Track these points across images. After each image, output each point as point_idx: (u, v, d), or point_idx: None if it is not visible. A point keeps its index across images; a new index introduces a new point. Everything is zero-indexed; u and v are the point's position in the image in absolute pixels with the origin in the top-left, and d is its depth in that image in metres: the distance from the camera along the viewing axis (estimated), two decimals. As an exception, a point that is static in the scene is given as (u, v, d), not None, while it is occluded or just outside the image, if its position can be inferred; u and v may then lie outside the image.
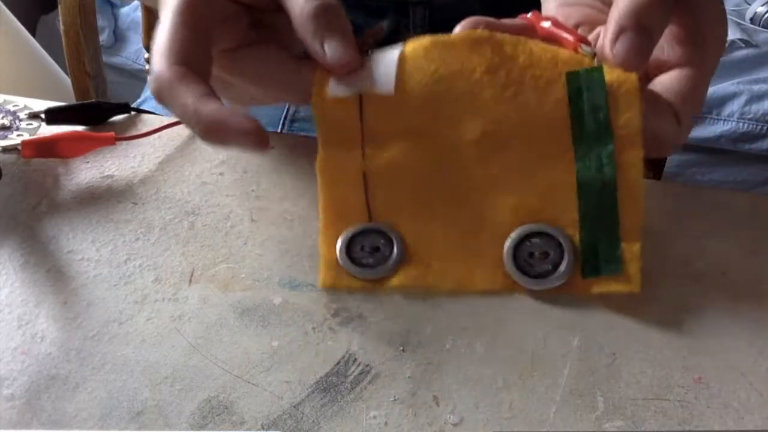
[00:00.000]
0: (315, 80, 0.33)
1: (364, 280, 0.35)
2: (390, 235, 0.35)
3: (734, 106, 1.09)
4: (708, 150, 1.12)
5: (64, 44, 0.76)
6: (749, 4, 1.25)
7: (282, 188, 0.40)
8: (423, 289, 0.35)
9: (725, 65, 1.13)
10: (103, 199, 0.39)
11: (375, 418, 0.29)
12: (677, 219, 0.39)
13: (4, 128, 0.43)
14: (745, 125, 1.08)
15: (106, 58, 1.13)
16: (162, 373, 0.31)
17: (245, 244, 0.37)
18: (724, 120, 1.09)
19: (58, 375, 0.31)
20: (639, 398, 0.31)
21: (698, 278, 0.36)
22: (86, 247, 0.36)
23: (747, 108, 1.08)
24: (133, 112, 0.45)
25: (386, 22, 0.58)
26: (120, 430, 0.29)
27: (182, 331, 0.33)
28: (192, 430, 0.29)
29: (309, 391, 0.30)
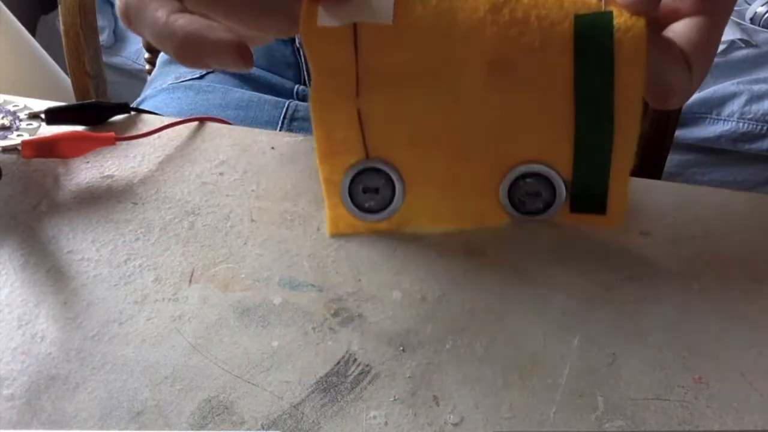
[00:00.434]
0: (303, 7, 0.31)
1: (369, 224, 0.37)
2: (390, 174, 0.35)
3: (734, 106, 1.09)
4: (708, 150, 1.12)
5: (64, 44, 0.76)
6: (749, 4, 1.25)
7: (282, 188, 0.40)
8: (423, 225, 0.37)
9: (725, 65, 1.13)
10: (103, 199, 0.39)
11: (375, 418, 0.29)
12: (677, 219, 0.39)
13: (4, 128, 0.43)
14: (745, 125, 1.08)
15: (106, 58, 1.13)
16: (162, 373, 0.31)
17: (245, 244, 0.37)
18: (724, 120, 1.09)
19: (58, 375, 0.31)
20: (639, 398, 0.31)
21: (698, 278, 0.36)
22: (86, 247, 0.36)
23: (747, 108, 1.08)
24: (133, 112, 0.45)
25: None
26: (120, 430, 0.29)
27: (182, 331, 0.33)
28: (192, 430, 0.29)
29: (309, 391, 0.30)
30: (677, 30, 0.33)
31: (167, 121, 0.44)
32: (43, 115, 0.43)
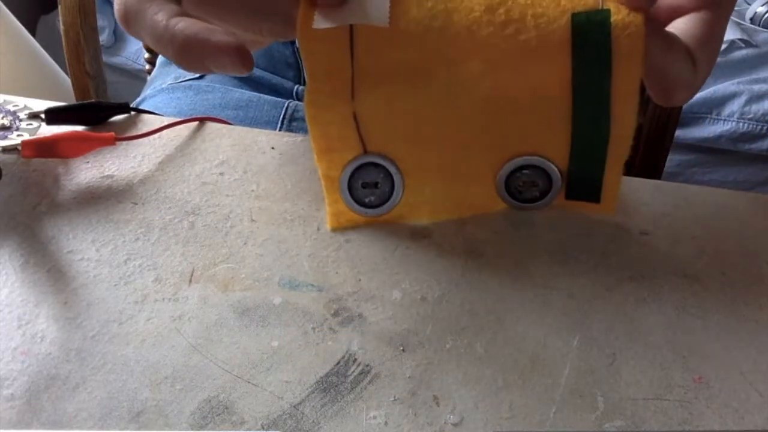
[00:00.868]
0: (300, 11, 0.31)
1: (369, 218, 0.37)
2: (388, 168, 0.36)
3: (734, 106, 1.09)
4: (708, 150, 1.12)
5: (64, 44, 0.76)
6: (749, 4, 1.25)
7: (282, 188, 0.40)
8: (423, 217, 0.38)
9: (725, 65, 1.13)
10: (103, 199, 0.39)
11: (375, 418, 0.29)
12: (677, 219, 0.39)
13: (4, 128, 0.43)
14: (745, 125, 1.08)
15: (106, 58, 1.13)
16: (162, 373, 0.31)
17: (245, 244, 0.37)
18: (724, 120, 1.09)
19: (58, 375, 0.31)
20: (639, 398, 0.31)
21: (698, 278, 0.36)
22: (86, 247, 0.36)
23: (747, 108, 1.08)
24: (133, 112, 0.45)
25: None
26: (120, 430, 0.29)
27: (182, 331, 0.33)
28: (192, 430, 0.29)
29: (309, 391, 0.30)
30: (680, 26, 0.33)
31: (167, 121, 0.44)
32: (43, 115, 0.43)
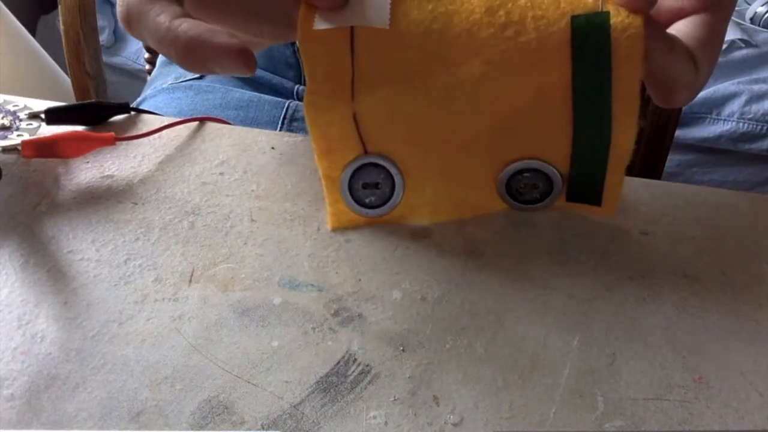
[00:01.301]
0: (301, 13, 0.31)
1: (369, 218, 0.37)
2: (389, 168, 0.36)
3: (734, 106, 1.09)
4: (708, 150, 1.12)
5: (64, 44, 0.76)
6: (749, 4, 1.25)
7: (282, 188, 0.40)
8: (424, 218, 0.38)
9: (725, 65, 1.13)
10: (103, 199, 0.39)
11: (375, 418, 0.29)
12: (677, 219, 0.39)
13: (4, 128, 0.43)
14: (745, 125, 1.08)
15: (106, 58, 1.13)
16: (162, 373, 0.31)
17: (245, 244, 0.37)
18: (724, 120, 1.09)
19: (58, 375, 0.31)
20: (639, 398, 0.31)
21: (698, 278, 0.36)
22: (86, 247, 0.36)
23: (747, 108, 1.08)
24: (133, 112, 0.45)
25: None
26: (120, 430, 0.29)
27: (182, 331, 0.33)
28: (192, 430, 0.29)
29: (309, 391, 0.30)
30: (681, 28, 0.34)
31: (167, 121, 0.44)
32: (43, 115, 0.43)
